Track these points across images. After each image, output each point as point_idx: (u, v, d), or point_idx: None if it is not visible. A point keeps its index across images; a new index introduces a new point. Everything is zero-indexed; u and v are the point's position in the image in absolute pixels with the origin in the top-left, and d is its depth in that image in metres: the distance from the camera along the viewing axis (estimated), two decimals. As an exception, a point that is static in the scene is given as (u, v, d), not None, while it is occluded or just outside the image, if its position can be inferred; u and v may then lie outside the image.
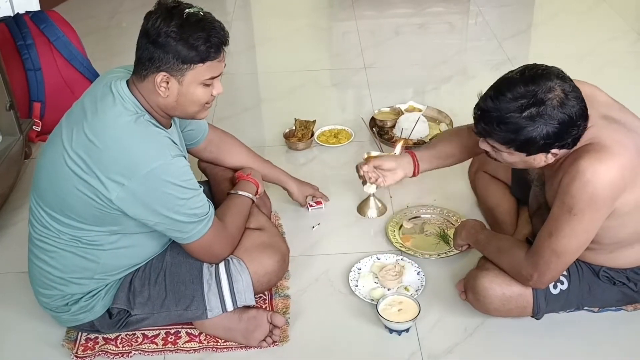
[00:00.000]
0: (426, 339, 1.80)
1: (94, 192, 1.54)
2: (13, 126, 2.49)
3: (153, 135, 1.56)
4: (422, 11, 3.98)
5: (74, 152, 1.55)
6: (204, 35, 1.52)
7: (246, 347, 1.79)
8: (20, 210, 2.40)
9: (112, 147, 1.52)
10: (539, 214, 1.81)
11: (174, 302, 1.75)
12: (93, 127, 1.54)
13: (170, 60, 1.52)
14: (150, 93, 1.58)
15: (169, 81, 1.55)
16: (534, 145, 1.51)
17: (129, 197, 1.53)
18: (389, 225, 2.21)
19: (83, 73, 2.84)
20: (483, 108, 1.54)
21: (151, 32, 1.51)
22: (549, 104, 1.46)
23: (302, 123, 2.72)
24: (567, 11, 3.90)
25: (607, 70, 3.17)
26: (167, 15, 1.51)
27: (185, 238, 1.66)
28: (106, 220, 1.61)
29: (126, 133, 1.54)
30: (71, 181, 1.56)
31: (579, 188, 1.50)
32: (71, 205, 1.59)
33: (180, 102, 1.59)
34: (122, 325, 1.77)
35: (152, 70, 1.54)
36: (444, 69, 3.31)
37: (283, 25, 3.86)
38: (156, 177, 1.53)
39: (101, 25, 3.95)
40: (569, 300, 1.75)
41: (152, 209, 1.57)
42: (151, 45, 1.51)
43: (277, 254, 1.84)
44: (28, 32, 2.72)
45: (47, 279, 1.71)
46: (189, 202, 1.59)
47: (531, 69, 1.52)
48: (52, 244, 1.67)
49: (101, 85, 1.62)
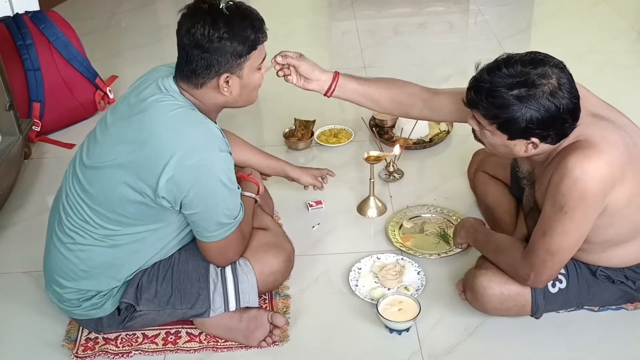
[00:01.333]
0: (426, 339, 1.80)
1: (141, 185, 1.55)
2: (13, 126, 2.49)
3: (204, 124, 1.58)
4: (421, 10, 3.98)
5: (125, 144, 1.57)
6: (248, 24, 1.56)
7: (246, 347, 1.79)
8: (20, 210, 2.40)
9: (165, 134, 1.54)
10: (531, 215, 1.81)
11: (179, 300, 1.75)
12: (142, 119, 1.56)
13: (229, 60, 1.55)
14: (208, 97, 1.62)
15: (230, 80, 1.59)
16: (515, 127, 1.51)
17: (175, 186, 1.54)
18: (389, 224, 2.20)
19: (82, 73, 2.84)
20: (477, 78, 1.56)
21: (203, 42, 1.52)
22: (540, 89, 1.47)
23: (302, 123, 2.72)
24: (567, 10, 3.90)
25: (606, 69, 3.17)
26: (212, 20, 1.52)
27: (207, 236, 1.66)
28: (149, 215, 1.62)
29: (178, 119, 1.55)
30: (119, 175, 1.57)
31: (568, 186, 1.50)
32: (116, 200, 1.60)
33: (243, 94, 1.65)
34: (128, 320, 1.76)
35: (211, 76, 1.57)
36: (444, 69, 3.30)
37: (282, 25, 3.85)
38: (203, 168, 1.54)
39: (100, 26, 3.95)
40: (568, 299, 1.75)
41: (193, 199, 1.57)
42: (206, 54, 1.53)
43: (282, 253, 1.85)
44: (27, 32, 2.72)
45: (70, 270, 1.70)
46: (227, 200, 1.61)
47: (534, 54, 1.54)
48: (86, 237, 1.67)
49: (147, 83, 1.64)
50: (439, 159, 2.59)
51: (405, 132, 2.60)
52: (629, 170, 1.55)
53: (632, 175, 1.56)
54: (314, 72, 1.90)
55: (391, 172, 2.47)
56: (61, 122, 2.85)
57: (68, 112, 2.84)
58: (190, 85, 1.60)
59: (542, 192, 1.62)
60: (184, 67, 1.58)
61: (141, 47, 3.68)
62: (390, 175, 2.47)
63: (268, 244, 1.84)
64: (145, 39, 3.78)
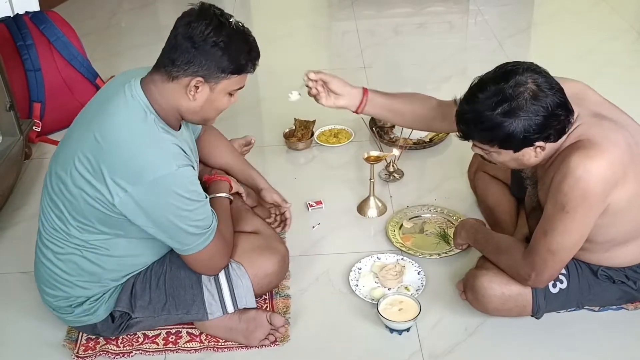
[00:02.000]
0: (427, 339, 1.80)
1: (98, 195, 1.53)
2: (13, 127, 2.49)
3: (161, 142, 1.54)
4: (421, 11, 3.98)
5: (82, 153, 1.54)
6: (246, 49, 1.55)
7: (247, 347, 1.79)
8: (21, 210, 2.40)
9: (118, 150, 1.51)
10: (533, 215, 1.81)
11: (174, 306, 1.75)
12: (101, 127, 1.53)
13: (211, 67, 1.52)
14: (174, 94, 1.56)
15: (201, 86, 1.54)
16: (515, 140, 1.52)
17: (131, 203, 1.52)
18: (389, 224, 2.21)
19: (83, 73, 2.84)
20: (459, 111, 1.58)
21: (197, 38, 1.49)
22: (521, 98, 1.48)
23: (302, 123, 2.72)
24: (567, 10, 3.90)
25: (606, 69, 3.17)
26: (218, 24, 1.50)
27: (184, 249, 1.64)
28: (111, 223, 1.60)
29: (134, 137, 1.52)
30: (78, 183, 1.55)
31: (570, 185, 1.51)
32: (78, 207, 1.58)
33: (205, 108, 1.59)
34: (124, 328, 1.77)
35: (187, 73, 1.52)
36: (444, 69, 3.31)
37: (282, 25, 3.85)
38: (160, 186, 1.51)
39: (101, 26, 3.95)
40: (569, 299, 1.75)
41: (153, 217, 1.55)
42: (194, 50, 1.50)
43: (275, 255, 1.84)
44: (28, 32, 2.72)
45: (53, 279, 1.71)
46: (192, 213, 1.57)
47: (501, 67, 1.55)
48: (61, 246, 1.66)
49: (114, 84, 1.63)
50: (439, 159, 2.59)
51: (405, 132, 2.60)
52: (631, 170, 1.55)
53: (634, 174, 1.56)
54: (345, 87, 1.93)
55: (391, 172, 2.47)
56: (62, 123, 2.84)
57: (68, 112, 2.81)
58: (164, 75, 1.54)
59: (544, 192, 1.63)
60: (166, 54, 1.53)
61: (141, 47, 3.68)
62: (390, 176, 2.47)
63: (260, 247, 1.83)
64: (145, 39, 3.78)
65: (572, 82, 1.67)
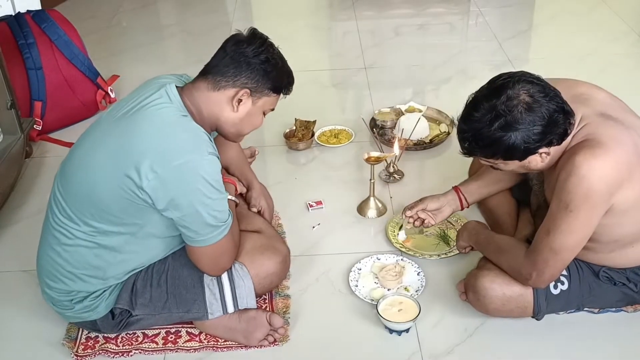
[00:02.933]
0: (426, 340, 1.80)
1: (126, 180, 1.54)
2: (14, 125, 2.49)
3: (193, 129, 1.58)
4: (422, 12, 3.98)
5: (113, 140, 1.58)
6: (287, 73, 1.72)
7: (246, 346, 1.79)
8: (21, 209, 2.40)
9: (149, 131, 1.55)
10: (539, 213, 1.82)
11: (175, 305, 1.75)
12: (135, 116, 1.58)
13: (258, 81, 1.64)
14: (217, 103, 1.65)
15: (245, 99, 1.65)
16: (517, 152, 1.54)
17: (160, 185, 1.53)
18: (389, 225, 2.21)
19: (84, 72, 2.84)
20: (459, 131, 1.62)
21: (250, 53, 1.63)
22: (515, 111, 1.50)
23: (303, 123, 2.72)
24: (567, 12, 3.90)
25: (607, 71, 3.17)
26: (270, 45, 1.67)
27: (198, 240, 1.64)
28: (131, 213, 1.60)
29: (167, 122, 1.57)
30: (106, 170, 1.57)
31: (574, 184, 1.51)
32: (100, 195, 1.59)
33: (244, 121, 1.70)
34: (124, 325, 1.77)
35: (236, 84, 1.64)
36: (444, 70, 3.31)
37: (283, 26, 3.85)
38: (189, 169, 1.53)
39: (102, 25, 3.95)
40: (570, 301, 1.76)
41: (178, 201, 1.56)
42: (246, 65, 1.62)
43: (277, 255, 1.84)
44: (29, 31, 2.72)
45: (57, 271, 1.70)
46: (214, 202, 1.59)
47: (493, 82, 1.57)
48: (70, 237, 1.66)
49: (150, 86, 1.66)
50: (440, 160, 2.60)
51: (405, 133, 2.61)
52: (637, 171, 1.55)
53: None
54: (439, 200, 2.02)
55: (391, 172, 2.47)
56: (62, 121, 2.85)
57: (69, 111, 2.85)
58: (210, 84, 1.64)
59: (550, 190, 1.63)
60: (215, 66, 1.64)
61: (142, 46, 3.69)
62: (390, 176, 2.47)
63: (262, 247, 1.83)
64: (146, 39, 3.79)
65: (577, 82, 1.68)
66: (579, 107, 1.59)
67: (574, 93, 1.63)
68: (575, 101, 1.59)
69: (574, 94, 1.62)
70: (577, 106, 1.58)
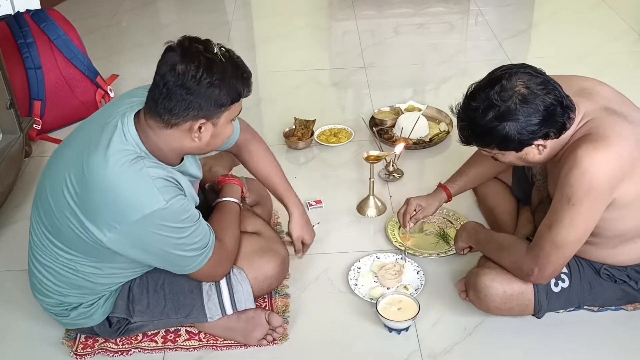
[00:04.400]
0: (426, 338, 1.80)
1: (84, 230, 1.50)
2: (13, 124, 2.49)
3: (146, 179, 1.46)
4: (421, 11, 3.98)
5: (71, 182, 1.50)
6: (239, 74, 1.49)
7: (245, 345, 1.79)
8: (20, 208, 2.40)
9: (102, 191, 1.46)
10: (540, 208, 1.82)
11: (173, 311, 1.75)
12: (90, 161, 1.48)
13: (211, 106, 1.46)
14: (175, 139, 1.50)
15: (204, 127, 1.49)
16: (512, 142, 1.55)
17: (121, 240, 1.49)
18: (389, 224, 2.21)
19: (83, 72, 2.84)
20: (457, 120, 1.64)
21: (190, 83, 1.42)
22: (510, 102, 1.51)
23: (302, 122, 2.72)
24: (567, 11, 3.90)
25: (606, 70, 3.16)
26: (207, 64, 1.42)
27: (187, 269, 1.63)
28: (99, 254, 1.57)
29: (117, 178, 1.46)
30: (65, 211, 1.52)
31: (577, 177, 1.51)
32: (65, 235, 1.56)
33: (211, 143, 1.55)
34: (122, 332, 1.77)
35: (187, 118, 1.46)
36: (444, 69, 3.31)
37: (283, 25, 3.85)
38: (149, 223, 1.47)
39: (101, 24, 3.95)
40: (570, 298, 1.75)
41: (147, 250, 1.54)
42: (190, 96, 1.43)
43: (276, 258, 1.83)
44: (29, 30, 2.72)
45: (45, 289, 1.70)
46: (187, 238, 1.55)
47: (492, 73, 1.59)
48: (50, 261, 1.64)
49: (114, 112, 1.55)
50: (439, 159, 2.59)
51: (405, 132, 2.60)
52: (639, 165, 1.55)
53: None
54: (434, 204, 2.09)
55: (391, 171, 2.47)
56: (62, 121, 2.85)
57: (69, 110, 2.84)
58: (160, 123, 1.47)
59: (553, 185, 1.63)
60: (159, 103, 1.45)
61: (142, 46, 3.68)
62: (390, 175, 2.47)
63: (261, 250, 1.82)
64: (146, 38, 3.78)
65: (581, 78, 1.69)
66: (582, 102, 1.59)
67: (577, 88, 1.63)
68: (579, 96, 1.59)
69: (578, 89, 1.62)
70: (581, 101, 1.59)
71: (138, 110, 1.53)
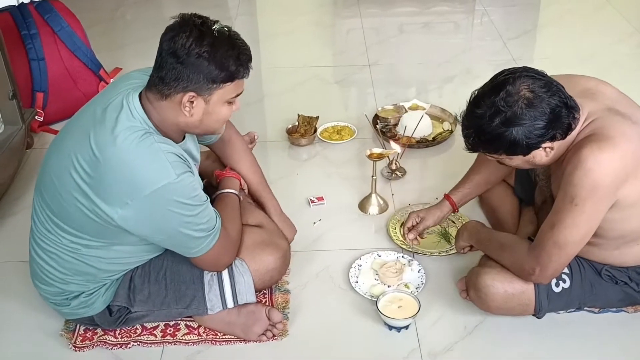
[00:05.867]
0: (426, 337, 1.80)
1: (95, 208, 1.51)
2: (15, 115, 2.48)
3: (157, 154, 1.50)
4: (426, 10, 3.97)
5: (79, 163, 1.51)
6: (234, 54, 1.49)
7: (245, 340, 1.79)
8: (21, 200, 2.40)
9: (114, 167, 1.48)
10: (544, 208, 1.81)
11: (174, 301, 1.75)
12: (98, 140, 1.49)
13: (200, 80, 1.47)
14: (170, 112, 1.53)
15: (195, 100, 1.50)
16: (520, 147, 1.54)
17: (132, 216, 1.50)
18: (390, 222, 2.20)
19: (86, 64, 2.84)
20: (462, 127, 1.62)
21: (180, 52, 1.45)
22: (515, 107, 1.50)
23: (305, 119, 2.71)
24: (573, 13, 3.89)
25: (611, 71, 3.14)
26: (199, 35, 1.45)
27: (192, 252, 1.64)
28: (107, 234, 1.58)
29: (129, 153, 1.48)
30: (73, 193, 1.53)
31: (580, 177, 1.51)
32: (72, 216, 1.56)
33: (205, 121, 1.55)
34: (122, 321, 1.77)
35: (177, 90, 1.48)
36: (448, 68, 3.30)
37: (287, 22, 3.85)
38: (160, 197, 1.49)
39: (105, 17, 3.95)
40: (571, 299, 1.75)
41: (157, 227, 1.55)
42: (180, 65, 1.45)
43: (278, 251, 1.83)
44: (32, 21, 2.72)
45: (47, 276, 1.70)
46: (196, 218, 1.56)
47: (494, 79, 1.58)
48: (53, 246, 1.65)
49: (115, 93, 1.57)
50: (442, 158, 2.59)
51: (408, 130, 2.60)
52: None
53: None
54: (436, 213, 2.04)
55: (393, 170, 2.46)
56: (64, 113, 2.83)
57: (71, 102, 2.83)
58: (157, 94, 1.51)
59: (557, 185, 1.62)
60: (154, 73, 1.50)
61: (145, 40, 3.67)
62: (392, 173, 2.46)
63: (264, 242, 1.82)
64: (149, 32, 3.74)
65: (585, 78, 1.69)
66: (586, 102, 1.58)
67: (581, 88, 1.62)
68: (582, 96, 1.59)
69: (582, 89, 1.62)
70: (584, 101, 1.58)
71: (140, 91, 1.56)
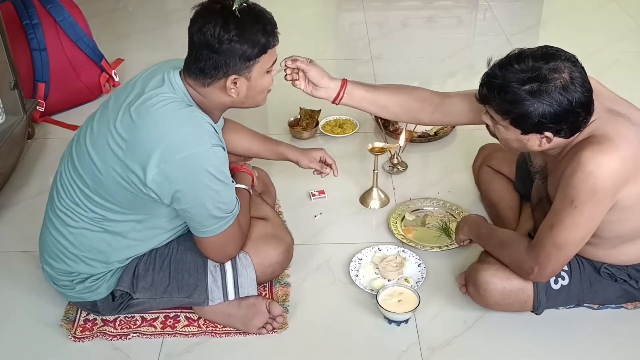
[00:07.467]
0: (425, 331, 1.80)
1: (130, 175, 1.54)
2: (17, 105, 2.48)
3: (196, 120, 1.55)
4: (430, 4, 3.96)
5: (117, 132, 1.55)
6: (260, 28, 1.54)
7: (245, 333, 1.79)
8: (22, 190, 2.40)
9: (152, 128, 1.52)
10: (540, 207, 1.81)
11: (176, 289, 1.75)
12: (138, 107, 1.54)
13: (237, 62, 1.53)
14: (215, 96, 1.60)
15: (238, 81, 1.57)
16: (528, 121, 1.51)
17: (164, 180, 1.52)
18: (391, 216, 2.20)
19: (88, 55, 2.83)
20: (489, 73, 1.56)
21: (212, 42, 1.50)
22: (552, 84, 1.47)
23: (307, 112, 2.71)
24: (576, 9, 3.89)
25: (614, 68, 3.15)
26: (223, 21, 1.50)
27: (203, 231, 1.64)
28: (136, 206, 1.61)
29: (169, 116, 1.53)
30: (110, 162, 1.56)
31: (580, 179, 1.50)
32: (105, 186, 1.59)
33: (250, 96, 1.62)
34: (124, 307, 1.77)
35: (219, 76, 1.55)
36: (451, 63, 3.30)
37: (290, 14, 3.83)
38: (192, 163, 1.52)
39: (107, 8, 3.94)
40: (570, 296, 1.75)
41: (182, 194, 1.55)
42: (215, 55, 1.52)
43: (282, 245, 1.84)
44: (34, 11, 2.71)
45: (59, 252, 1.70)
46: (219, 194, 1.58)
47: (546, 48, 1.53)
48: (75, 219, 1.66)
49: (155, 72, 1.63)
50: (444, 152, 2.58)
51: (410, 125, 2.59)
52: None
53: None
54: (323, 78, 1.88)
55: (395, 164, 2.46)
56: (66, 103, 2.84)
57: (73, 93, 2.84)
58: (197, 82, 1.58)
59: (554, 186, 1.62)
60: (192, 65, 1.56)
61: (148, 31, 3.67)
62: (394, 168, 2.46)
63: (268, 235, 1.83)
64: (152, 23, 3.77)
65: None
66: None
67: None
68: None
69: None
70: None
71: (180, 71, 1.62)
